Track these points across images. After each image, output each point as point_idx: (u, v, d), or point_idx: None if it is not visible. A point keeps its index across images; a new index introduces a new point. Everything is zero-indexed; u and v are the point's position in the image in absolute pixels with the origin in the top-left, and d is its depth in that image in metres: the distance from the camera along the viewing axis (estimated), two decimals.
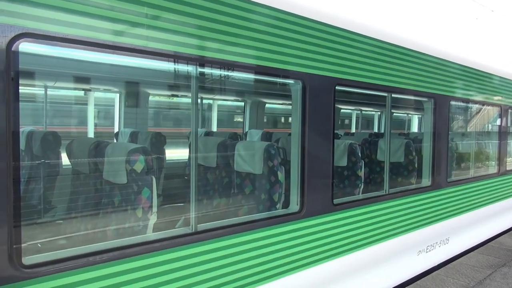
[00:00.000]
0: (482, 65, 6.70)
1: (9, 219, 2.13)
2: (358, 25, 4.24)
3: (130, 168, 3.15)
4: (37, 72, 4.91)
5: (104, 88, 6.52)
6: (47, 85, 5.76)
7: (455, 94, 6.03)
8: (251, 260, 3.29)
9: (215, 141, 4.60)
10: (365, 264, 4.50)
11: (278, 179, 3.94)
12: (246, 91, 7.67)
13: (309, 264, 3.76)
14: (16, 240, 2.17)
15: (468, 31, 7.78)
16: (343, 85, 4.13)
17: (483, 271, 5.63)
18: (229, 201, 4.38)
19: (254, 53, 3.25)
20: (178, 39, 2.78)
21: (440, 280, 5.23)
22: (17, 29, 2.12)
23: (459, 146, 7.24)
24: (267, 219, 3.50)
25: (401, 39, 4.85)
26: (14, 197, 2.15)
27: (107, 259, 2.48)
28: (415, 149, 6.14)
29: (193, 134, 3.13)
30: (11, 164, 2.13)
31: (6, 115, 2.10)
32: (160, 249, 2.73)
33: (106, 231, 3.31)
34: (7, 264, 2.12)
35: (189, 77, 3.04)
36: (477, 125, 7.59)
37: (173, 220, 3.76)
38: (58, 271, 2.29)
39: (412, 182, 6.01)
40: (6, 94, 2.09)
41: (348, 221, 4.18)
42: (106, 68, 4.98)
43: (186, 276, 2.88)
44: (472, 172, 7.06)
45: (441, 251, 5.97)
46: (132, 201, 3.17)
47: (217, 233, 3.06)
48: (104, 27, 2.44)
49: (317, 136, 3.82)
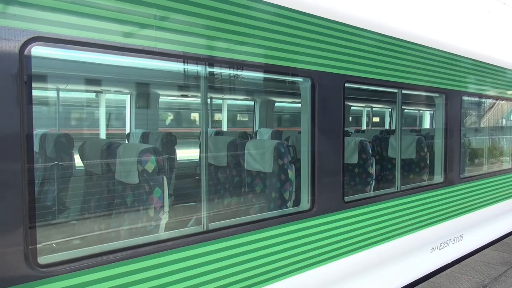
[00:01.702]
0: (494, 59, 6.60)
1: (25, 220, 2.18)
2: (367, 21, 4.21)
3: (141, 168, 3.19)
4: (49, 75, 4.99)
5: (115, 90, 6.59)
6: (59, 88, 5.84)
7: (467, 89, 5.95)
8: (262, 258, 3.30)
9: (225, 140, 4.62)
10: (377, 262, 4.48)
11: (288, 177, 3.94)
12: (256, 90, 7.68)
13: (321, 262, 3.76)
14: (31, 241, 2.22)
15: (480, 24, 7.66)
16: (353, 82, 4.11)
17: (498, 268, 5.55)
18: (239, 200, 4.39)
19: (263, 51, 3.26)
20: (187, 39, 2.80)
21: (454, 277, 5.18)
22: (29, 33, 2.16)
23: (472, 142, 7.14)
24: (278, 218, 3.51)
25: (411, 34, 4.80)
26: (29, 198, 2.20)
27: (120, 258, 2.52)
28: (427, 146, 6.07)
29: (203, 133, 3.15)
30: (26, 166, 2.18)
31: (20, 118, 2.14)
32: (172, 247, 2.76)
33: (119, 231, 3.35)
34: (23, 264, 2.17)
35: (199, 77, 3.06)
36: (491, 120, 7.48)
37: (185, 219, 3.79)
38: (72, 270, 2.33)
39: (424, 179, 5.96)
40: (20, 97, 2.14)
41: (360, 219, 4.16)
42: (116, 70, 5.04)
43: (198, 274, 2.90)
44: (486, 168, 6.96)
45: (455, 248, 5.90)
46: (144, 201, 3.20)
47: (228, 232, 3.08)
48: (114, 29, 2.47)
49: (327, 134, 3.81)
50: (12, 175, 2.13)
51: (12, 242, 2.14)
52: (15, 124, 2.13)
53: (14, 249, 2.14)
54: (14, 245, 2.14)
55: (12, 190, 2.13)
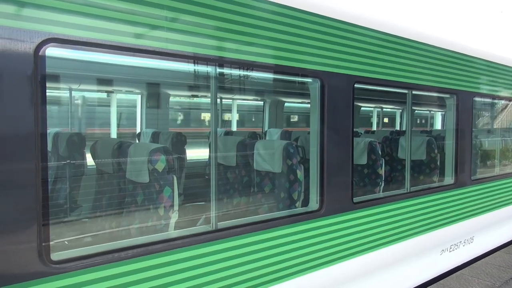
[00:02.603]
0: (507, 59, 6.52)
1: (38, 218, 2.23)
2: (377, 22, 4.20)
3: (152, 167, 3.23)
4: (63, 75, 5.07)
5: (126, 90, 6.67)
6: (72, 88, 5.94)
7: (479, 90, 5.89)
8: (271, 258, 3.32)
9: (234, 140, 4.65)
10: (386, 263, 4.46)
11: (297, 178, 3.95)
12: (265, 90, 7.70)
13: (329, 263, 3.76)
14: (45, 238, 2.27)
15: (493, 24, 7.57)
16: (362, 83, 4.11)
17: (509, 271, 5.48)
18: (249, 199, 4.42)
19: (272, 52, 3.28)
20: (197, 40, 2.83)
21: (465, 280, 5.13)
22: (44, 34, 2.21)
23: (484, 143, 7.06)
24: (286, 217, 3.52)
25: (421, 35, 4.78)
26: (42, 196, 2.25)
27: (131, 255, 2.56)
28: (438, 147, 6.03)
29: (212, 133, 3.18)
30: (40, 165, 2.23)
31: (34, 118, 2.19)
32: (181, 246, 2.80)
33: (130, 229, 3.40)
34: (37, 260, 2.22)
35: (208, 78, 3.09)
36: (503, 122, 7.38)
37: (194, 219, 3.83)
38: (84, 266, 2.38)
39: (434, 180, 5.91)
40: (34, 97, 2.19)
41: (368, 220, 4.15)
42: (127, 70, 5.11)
43: (207, 272, 2.93)
44: (498, 170, 6.88)
45: (465, 250, 5.85)
46: (154, 199, 3.24)
47: (237, 231, 3.10)
48: (125, 31, 2.51)
49: (336, 134, 3.81)
50: (26, 173, 2.18)
51: (26, 239, 2.19)
52: (30, 124, 2.18)
53: (28, 246, 2.20)
54: (28, 242, 2.19)
55: (26, 189, 2.18)
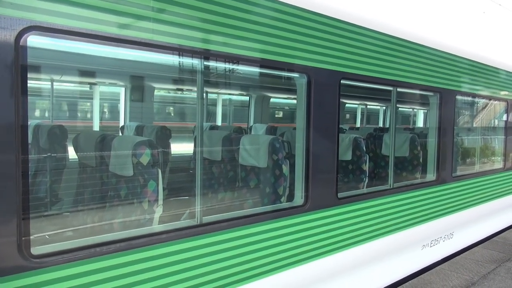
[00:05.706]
0: (489, 59, 6.65)
1: (18, 211, 2.17)
2: (364, 19, 4.22)
3: (136, 160, 3.18)
4: (44, 65, 4.94)
5: (110, 82, 6.55)
6: (54, 79, 5.79)
7: (461, 89, 6.00)
8: (256, 252, 3.32)
9: (220, 135, 4.62)
10: (369, 258, 4.52)
11: (282, 173, 3.95)
12: (251, 85, 7.68)
13: (313, 257, 3.79)
14: (25, 232, 2.22)
15: (475, 24, 7.71)
16: (348, 79, 4.13)
17: (487, 266, 5.63)
18: (234, 194, 4.40)
19: (259, 46, 3.26)
20: (183, 32, 2.79)
21: (444, 274, 5.24)
22: (25, 22, 2.14)
23: (465, 141, 7.21)
24: (271, 212, 3.53)
25: (406, 33, 4.83)
26: (23, 190, 2.19)
27: (113, 250, 2.52)
28: (420, 144, 6.12)
29: (198, 128, 3.15)
30: (20, 157, 2.16)
31: (14, 109, 2.13)
32: (166, 240, 2.77)
33: (113, 223, 3.35)
34: (16, 255, 2.16)
35: (194, 71, 3.06)
36: (483, 120, 7.55)
37: (179, 213, 3.80)
38: (65, 261, 2.33)
39: (417, 177, 6.00)
40: (15, 88, 2.12)
41: (352, 215, 4.19)
42: (111, 62, 5.01)
43: (191, 267, 2.92)
44: (477, 167, 7.03)
45: (445, 245, 5.97)
46: (138, 193, 3.20)
47: (222, 226, 3.09)
48: (111, 20, 2.46)
49: (322, 130, 3.83)
50: (6, 166, 2.12)
51: (6, 233, 2.13)
52: (10, 115, 2.11)
53: (8, 240, 2.14)
54: (7, 236, 2.14)
55: (6, 181, 2.12)
